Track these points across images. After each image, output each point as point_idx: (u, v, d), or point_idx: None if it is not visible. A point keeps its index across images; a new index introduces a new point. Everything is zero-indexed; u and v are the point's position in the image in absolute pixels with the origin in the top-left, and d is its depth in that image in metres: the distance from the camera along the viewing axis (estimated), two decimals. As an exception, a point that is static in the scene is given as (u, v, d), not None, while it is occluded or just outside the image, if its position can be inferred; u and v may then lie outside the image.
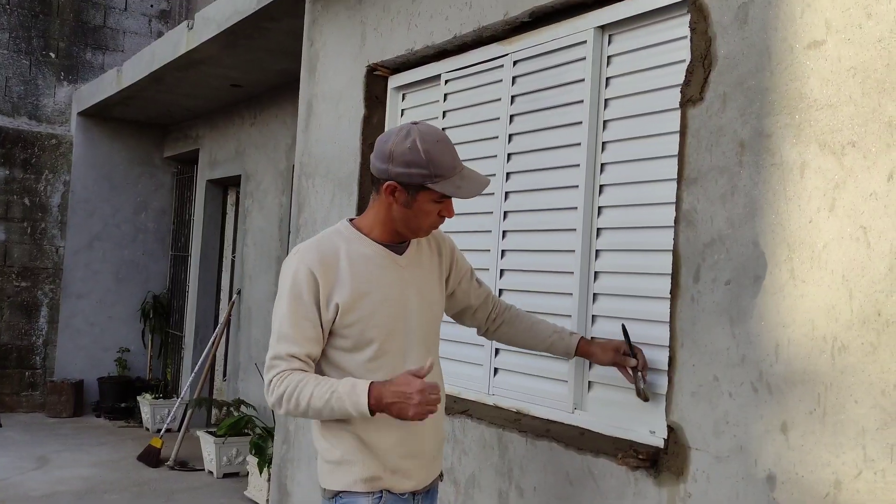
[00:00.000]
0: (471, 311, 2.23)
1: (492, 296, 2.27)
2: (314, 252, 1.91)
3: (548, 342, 2.25)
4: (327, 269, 1.88)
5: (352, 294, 1.88)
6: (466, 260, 2.23)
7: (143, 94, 6.96)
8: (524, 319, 2.27)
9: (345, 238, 1.96)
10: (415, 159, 1.83)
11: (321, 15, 3.87)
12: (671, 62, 2.27)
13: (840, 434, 1.70)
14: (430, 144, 1.83)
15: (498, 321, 2.26)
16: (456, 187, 1.86)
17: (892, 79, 1.66)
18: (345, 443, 1.91)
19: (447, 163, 1.85)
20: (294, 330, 1.86)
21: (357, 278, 1.90)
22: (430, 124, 1.92)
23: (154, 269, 8.37)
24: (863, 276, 1.68)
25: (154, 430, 7.03)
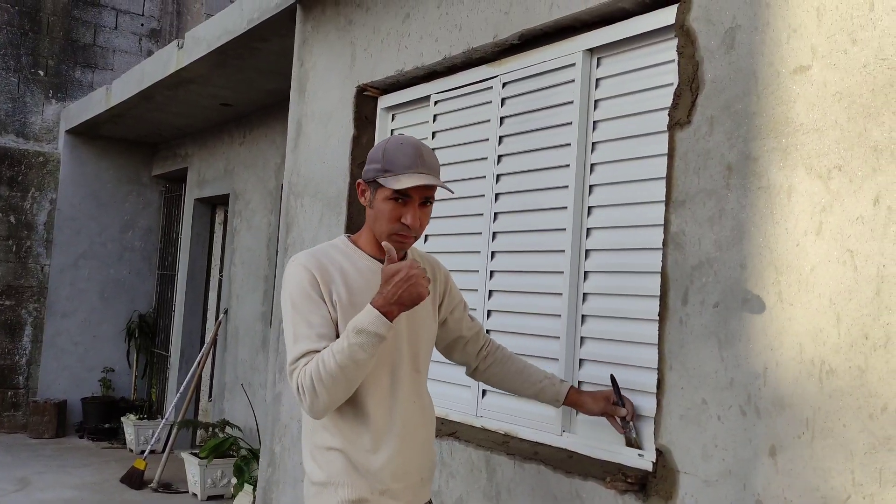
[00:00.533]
0: (462, 344, 2.21)
1: (483, 333, 2.25)
2: (311, 258, 1.92)
3: (537, 387, 2.24)
4: (324, 273, 1.89)
5: (346, 304, 1.88)
6: (459, 292, 2.22)
7: (132, 113, 6.95)
8: (515, 362, 2.25)
9: (341, 251, 1.97)
10: (374, 156, 1.91)
11: (311, 35, 3.88)
12: (659, 85, 2.29)
13: (828, 458, 1.69)
14: (393, 145, 1.90)
15: (488, 360, 2.24)
16: (396, 180, 1.83)
17: (877, 104, 1.68)
18: (333, 464, 1.89)
19: (401, 161, 1.86)
20: (308, 328, 1.83)
21: (351, 288, 1.90)
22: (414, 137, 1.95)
23: (140, 287, 8.31)
24: (850, 300, 1.69)
25: (138, 452, 6.94)
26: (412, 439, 1.94)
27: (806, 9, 1.83)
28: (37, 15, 7.84)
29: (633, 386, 2.26)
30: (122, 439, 7.38)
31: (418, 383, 2.00)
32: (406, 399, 1.94)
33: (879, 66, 1.68)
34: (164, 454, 6.10)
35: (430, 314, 2.06)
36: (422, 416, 1.99)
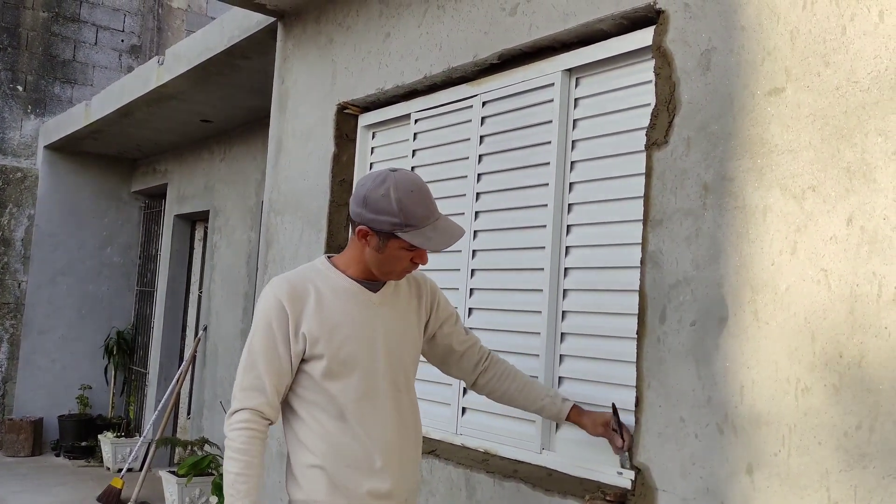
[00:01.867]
0: (455, 357, 2.20)
1: (479, 347, 2.23)
2: (285, 284, 1.93)
3: (539, 404, 2.23)
4: (296, 300, 1.90)
5: (319, 326, 1.89)
6: (451, 304, 2.21)
7: (112, 129, 6.92)
8: (516, 379, 2.23)
9: (319, 273, 1.97)
10: (386, 208, 1.84)
11: (292, 53, 3.89)
12: (637, 105, 2.31)
13: (804, 476, 1.71)
14: (403, 193, 1.84)
15: (488, 374, 2.22)
16: (426, 238, 1.86)
17: (849, 125, 1.71)
18: (314, 482, 1.89)
19: (419, 213, 1.85)
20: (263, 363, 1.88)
21: (326, 311, 1.91)
22: (410, 172, 1.92)
23: (119, 304, 8.23)
24: (824, 319, 1.71)
25: (115, 470, 6.85)
26: (394, 459, 1.94)
27: (780, 32, 1.86)
28: (16, 30, 7.79)
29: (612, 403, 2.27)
30: (100, 457, 7.28)
31: (401, 402, 1.99)
32: (386, 419, 1.94)
33: (852, 89, 1.72)
34: (142, 472, 6.02)
35: (414, 332, 2.06)
36: (404, 436, 1.99)
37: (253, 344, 1.90)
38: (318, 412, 1.91)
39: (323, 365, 1.89)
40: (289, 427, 1.97)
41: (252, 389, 1.88)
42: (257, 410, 1.87)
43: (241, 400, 1.88)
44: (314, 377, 1.91)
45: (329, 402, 1.90)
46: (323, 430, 1.90)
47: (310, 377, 1.91)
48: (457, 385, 2.82)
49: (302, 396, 1.93)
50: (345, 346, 1.91)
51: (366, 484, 1.89)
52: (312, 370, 1.91)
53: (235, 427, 1.86)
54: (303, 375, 1.92)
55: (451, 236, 1.89)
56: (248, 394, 1.88)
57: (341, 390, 1.90)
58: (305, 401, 1.92)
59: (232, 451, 1.85)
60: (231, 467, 1.84)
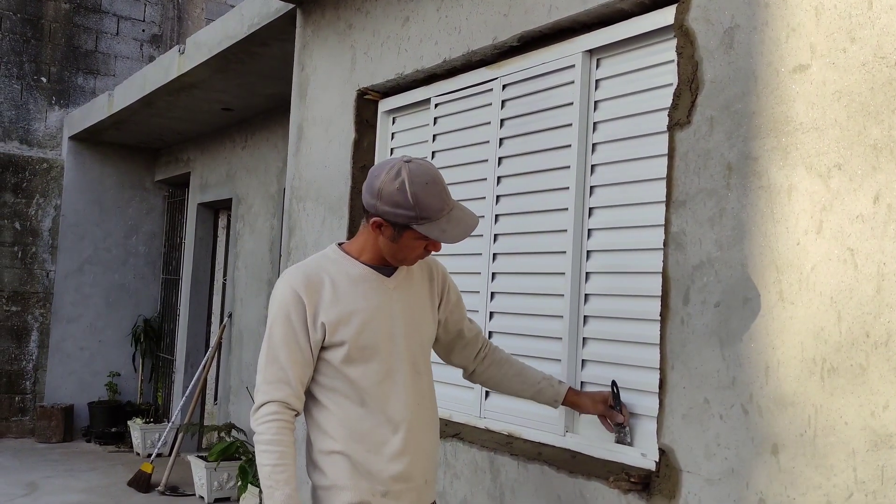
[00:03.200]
0: (461, 345, 2.21)
1: (481, 336, 2.25)
2: (299, 274, 1.94)
3: (534, 389, 2.25)
4: (312, 290, 1.91)
5: (338, 313, 1.90)
6: (458, 291, 2.21)
7: (135, 118, 6.97)
8: (512, 365, 2.26)
9: (332, 261, 1.98)
10: (401, 201, 1.83)
11: (311, 40, 3.89)
12: (659, 86, 2.29)
13: (831, 456, 1.70)
14: (418, 186, 1.83)
15: (486, 362, 2.24)
16: (441, 231, 1.86)
17: (876, 102, 1.68)
18: (336, 467, 1.91)
19: (434, 205, 1.85)
20: (285, 354, 1.89)
21: (342, 298, 1.92)
22: (423, 162, 1.90)
23: (145, 292, 8.33)
24: (851, 298, 1.69)
25: (145, 455, 6.96)
26: (414, 442, 1.95)
27: (804, 8, 1.84)
28: (39, 22, 7.87)
29: (636, 386, 2.27)
30: (129, 443, 7.40)
31: (420, 385, 2.00)
32: (407, 402, 1.95)
33: (878, 65, 1.69)
34: (171, 457, 6.12)
35: (429, 315, 2.07)
36: (424, 419, 2.00)
37: (273, 336, 1.91)
38: (339, 398, 1.92)
39: (343, 351, 1.90)
40: (308, 414, 1.98)
41: (277, 381, 1.88)
42: (284, 402, 1.88)
43: (267, 392, 1.89)
44: (334, 364, 1.92)
45: (349, 388, 1.92)
46: (344, 415, 1.91)
47: (330, 364, 1.92)
48: (480, 369, 2.83)
49: (322, 384, 1.94)
50: (364, 331, 1.92)
51: (388, 468, 1.91)
52: (332, 357, 1.92)
53: (264, 420, 1.87)
54: (322, 363, 1.93)
55: (467, 227, 1.89)
56: (273, 386, 1.89)
57: (362, 375, 1.92)
58: (325, 387, 1.94)
59: (264, 443, 1.86)
60: (266, 460, 1.85)
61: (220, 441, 5.80)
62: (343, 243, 2.04)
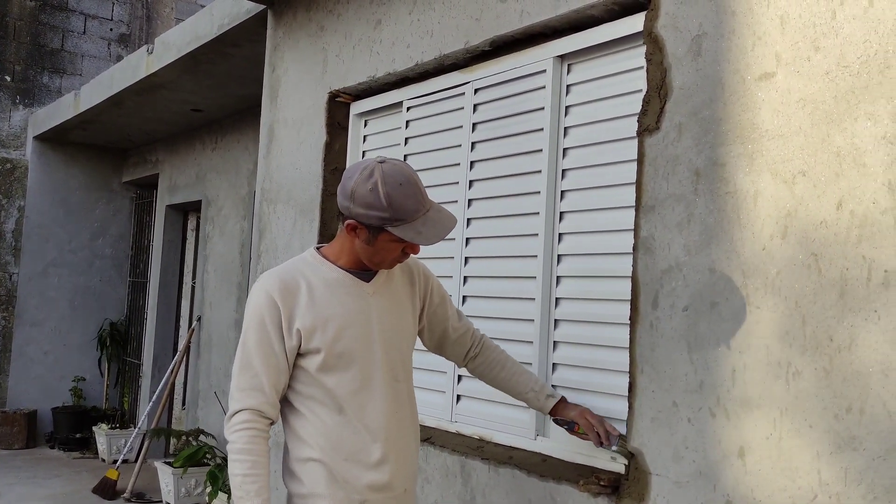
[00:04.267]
0: (450, 342, 2.18)
1: (472, 331, 2.22)
2: (275, 279, 1.90)
3: (523, 397, 2.22)
4: (287, 295, 1.87)
5: (313, 319, 1.87)
6: (443, 288, 2.18)
7: (102, 118, 6.88)
8: (506, 367, 2.21)
9: (309, 265, 1.94)
10: (374, 202, 1.79)
11: (283, 41, 3.87)
12: (629, 92, 2.31)
13: (796, 458, 1.72)
14: (392, 188, 1.79)
15: (478, 360, 2.21)
16: (416, 233, 1.82)
17: (839, 110, 1.72)
18: (313, 475, 1.88)
19: (409, 206, 1.81)
20: (259, 361, 1.85)
21: (318, 304, 1.88)
22: (397, 162, 1.86)
23: (111, 295, 8.21)
24: (815, 303, 1.72)
25: (110, 462, 6.85)
26: (394, 450, 1.93)
27: (770, 17, 1.87)
28: (3, 20, 7.72)
29: (606, 389, 2.28)
30: (94, 449, 7.28)
31: (398, 393, 1.97)
32: (385, 410, 1.92)
33: (841, 73, 1.72)
34: (137, 464, 6.03)
35: (409, 320, 2.04)
36: (403, 427, 1.97)
37: (247, 343, 1.87)
38: (316, 406, 1.89)
39: (319, 359, 1.87)
40: (285, 421, 1.95)
41: (250, 389, 1.85)
42: (257, 410, 1.85)
43: (240, 400, 1.85)
44: (310, 371, 1.88)
45: (326, 396, 1.89)
46: (321, 423, 1.88)
47: (306, 372, 1.89)
48: (451, 373, 2.83)
49: (298, 391, 1.91)
50: (341, 338, 1.88)
51: (365, 477, 1.88)
52: (308, 365, 1.88)
53: (236, 429, 1.84)
54: (299, 370, 1.90)
55: (443, 228, 1.85)
56: (246, 394, 1.85)
57: (338, 383, 1.88)
58: (302, 395, 1.90)
59: (235, 452, 1.83)
60: (237, 469, 1.81)
61: (187, 446, 5.72)
62: (321, 247, 2.01)
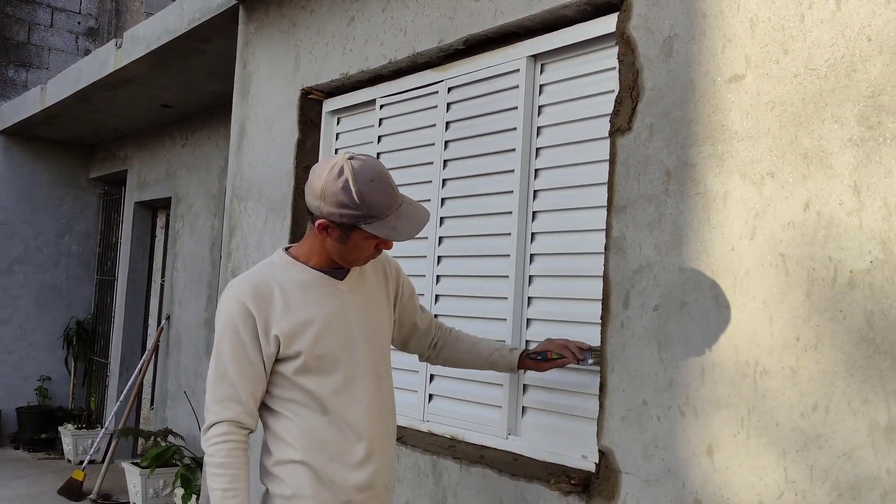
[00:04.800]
0: (417, 335, 2.18)
1: (434, 322, 2.23)
2: (246, 285, 1.85)
3: (489, 361, 2.22)
4: (261, 301, 1.82)
5: (291, 324, 1.82)
6: (409, 280, 2.17)
7: (69, 113, 6.76)
8: (464, 340, 2.24)
9: (280, 267, 1.90)
10: (346, 200, 1.75)
11: (254, 37, 3.83)
12: (601, 92, 2.33)
13: (763, 456, 1.74)
14: (363, 184, 1.76)
15: (440, 345, 2.23)
16: (391, 228, 1.79)
17: (807, 112, 1.74)
18: (298, 476, 1.84)
19: (381, 203, 1.78)
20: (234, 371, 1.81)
21: (294, 307, 1.84)
22: (366, 158, 1.83)
23: (78, 293, 8.07)
24: (782, 303, 1.74)
25: (76, 462, 6.74)
26: (377, 449, 1.90)
27: (740, 19, 1.89)
28: (-33, 11, 7.56)
29: (577, 388, 2.29)
30: (60, 450, 7.16)
31: (381, 390, 1.95)
32: (369, 408, 1.90)
33: (809, 76, 1.75)
34: (104, 464, 5.94)
35: (386, 315, 2.02)
36: (385, 425, 1.95)
37: (221, 353, 1.82)
38: (298, 408, 1.85)
39: (299, 363, 1.83)
40: (264, 424, 1.90)
41: (227, 400, 1.80)
42: (235, 421, 1.80)
43: (217, 412, 1.81)
44: (290, 375, 1.84)
45: (308, 398, 1.85)
46: (305, 424, 1.84)
47: (285, 377, 1.85)
48: (423, 372, 2.83)
49: (278, 396, 1.86)
50: (320, 340, 1.84)
51: (351, 477, 1.85)
52: (287, 369, 1.84)
53: (214, 441, 1.79)
54: (278, 376, 1.85)
55: (417, 223, 1.83)
56: (223, 405, 1.80)
57: (321, 385, 1.84)
58: (282, 399, 1.86)
59: (214, 466, 1.78)
60: (216, 484, 1.77)
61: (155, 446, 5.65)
62: (290, 247, 1.96)
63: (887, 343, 1.57)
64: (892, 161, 1.59)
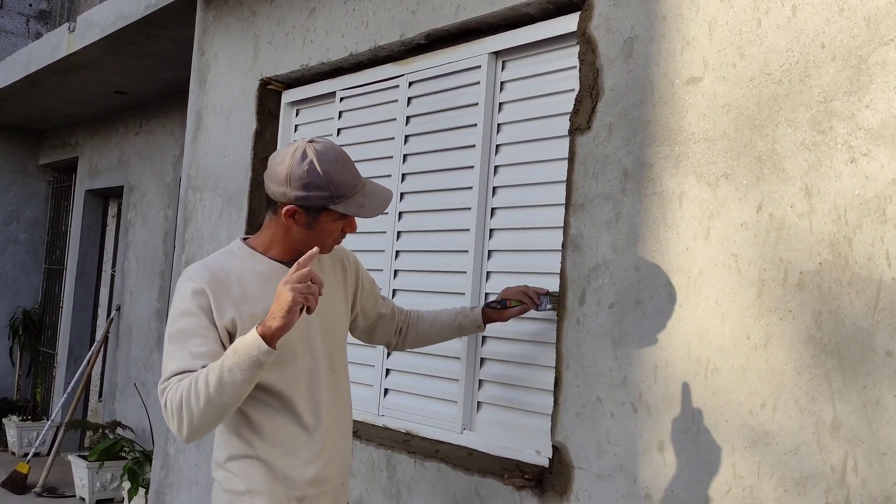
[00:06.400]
0: (382, 322, 2.17)
1: (396, 308, 2.22)
2: (204, 271, 1.80)
3: (454, 327, 2.22)
4: (218, 288, 1.78)
5: (248, 315, 1.78)
6: (368, 273, 2.16)
7: (18, 98, 6.56)
8: (425, 317, 2.24)
9: (238, 257, 1.86)
10: (314, 181, 1.74)
11: (213, 25, 3.77)
12: (562, 90, 2.34)
13: (712, 452, 1.78)
14: (328, 164, 1.76)
15: (404, 329, 2.22)
16: (359, 206, 1.80)
17: (761, 116, 1.78)
18: (251, 471, 1.80)
19: (348, 181, 1.78)
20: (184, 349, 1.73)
21: (251, 298, 1.80)
22: (326, 141, 1.83)
23: (25, 282, 7.85)
24: (734, 302, 1.78)
25: (21, 455, 6.57)
26: (331, 443, 1.88)
27: (699, 23, 1.92)
28: (-89, -12, 7.29)
29: (532, 384, 2.31)
30: (4, 442, 6.97)
31: (336, 383, 1.93)
32: (323, 402, 1.87)
33: (764, 81, 1.78)
34: (50, 457, 5.80)
35: (343, 309, 2.01)
36: (340, 419, 1.93)
37: (175, 332, 1.75)
38: (253, 401, 1.80)
39: None
40: None
41: (180, 357, 1.71)
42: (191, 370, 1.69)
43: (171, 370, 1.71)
44: None
45: (263, 391, 1.81)
46: (258, 418, 1.81)
47: None
48: (379, 366, 2.82)
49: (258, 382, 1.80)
50: None
51: (305, 471, 1.82)
52: None
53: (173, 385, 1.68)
54: None
55: (382, 200, 1.84)
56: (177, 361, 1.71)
57: (278, 378, 1.81)
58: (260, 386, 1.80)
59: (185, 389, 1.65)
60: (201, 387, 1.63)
61: (104, 439, 5.53)
62: (247, 238, 1.93)
63: (833, 343, 1.61)
64: (842, 165, 1.64)
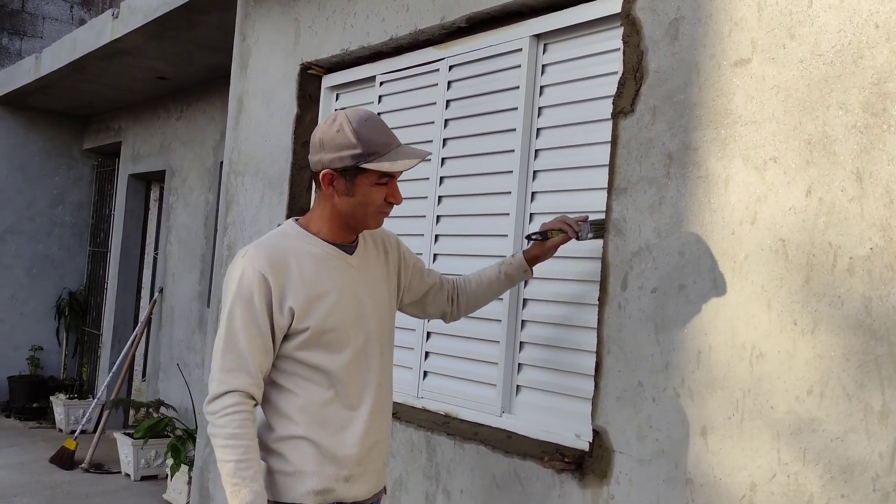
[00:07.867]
0: (433, 293, 2.17)
1: (444, 278, 2.22)
2: (263, 253, 1.81)
3: (502, 280, 2.21)
4: (278, 272, 1.79)
5: (306, 297, 1.80)
6: (411, 251, 2.16)
7: (63, 83, 6.69)
8: (471, 279, 2.23)
9: (293, 238, 1.87)
10: (344, 141, 1.77)
11: (254, 10, 3.80)
12: (604, 73, 2.32)
13: (756, 438, 1.76)
14: (358, 124, 1.78)
15: (455, 296, 2.22)
16: (392, 162, 1.79)
17: (812, 98, 1.74)
18: (300, 452, 1.82)
19: (379, 139, 1.79)
20: (245, 341, 1.77)
21: (310, 280, 1.82)
22: (360, 108, 1.86)
23: (70, 264, 8.05)
24: (781, 287, 1.75)
25: (68, 432, 6.76)
26: (378, 424, 1.91)
27: (747, 3, 1.88)
28: (-40, -24, 7.46)
29: (572, 368, 2.31)
30: (52, 419, 7.18)
31: (385, 364, 1.95)
32: (373, 383, 1.90)
33: (815, 62, 1.74)
34: (96, 434, 5.96)
35: (389, 290, 2.01)
36: (384, 400, 1.95)
37: (233, 321, 1.77)
38: (302, 382, 1.83)
39: (307, 336, 1.80)
40: (265, 398, 1.87)
41: (236, 370, 1.77)
42: (244, 392, 1.77)
43: (225, 382, 1.77)
44: (297, 348, 1.82)
45: (315, 372, 1.83)
46: (308, 399, 1.82)
47: (294, 348, 1.82)
48: (418, 349, 2.84)
49: (283, 369, 1.84)
50: (332, 314, 1.82)
51: (353, 451, 1.85)
52: (295, 342, 1.81)
53: (224, 413, 1.75)
54: (287, 347, 1.82)
55: (418, 154, 1.83)
56: (231, 375, 1.77)
57: (331, 359, 1.83)
58: (286, 372, 1.84)
59: (225, 438, 1.73)
60: (228, 455, 1.73)
61: (147, 417, 5.67)
62: (299, 219, 1.94)
63: (884, 329, 1.59)
64: (895, 149, 1.60)
